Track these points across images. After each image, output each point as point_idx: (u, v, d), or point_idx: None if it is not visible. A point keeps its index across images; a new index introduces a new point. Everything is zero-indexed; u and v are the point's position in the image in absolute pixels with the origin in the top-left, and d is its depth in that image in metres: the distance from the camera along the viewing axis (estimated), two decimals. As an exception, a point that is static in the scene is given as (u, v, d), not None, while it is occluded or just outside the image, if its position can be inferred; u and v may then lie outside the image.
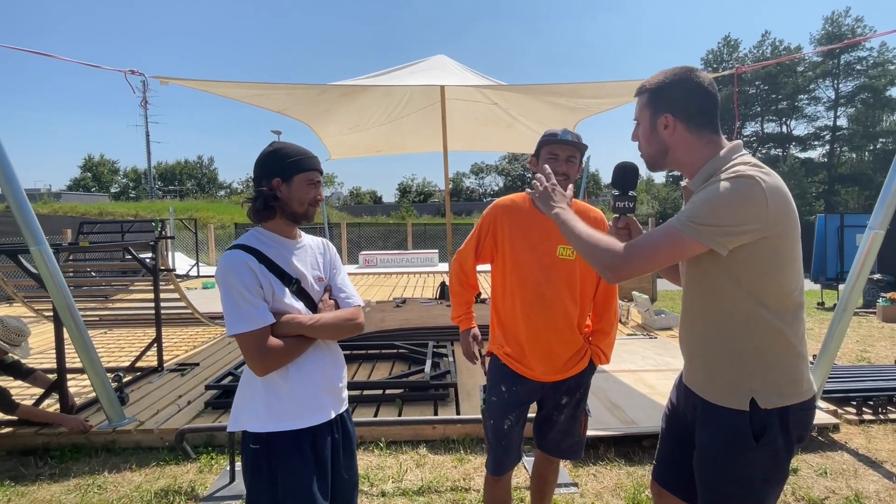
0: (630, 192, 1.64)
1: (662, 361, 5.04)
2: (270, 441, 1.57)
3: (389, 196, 58.78)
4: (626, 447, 3.42)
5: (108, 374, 3.75)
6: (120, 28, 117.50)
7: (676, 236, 1.34)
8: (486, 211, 2.14)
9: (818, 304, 9.95)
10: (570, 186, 1.83)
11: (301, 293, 1.65)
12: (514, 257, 2.03)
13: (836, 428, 3.66)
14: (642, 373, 4.65)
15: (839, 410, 3.87)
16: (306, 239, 1.77)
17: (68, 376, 3.86)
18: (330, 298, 1.74)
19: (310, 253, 1.74)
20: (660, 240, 1.36)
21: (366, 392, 4.15)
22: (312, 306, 1.68)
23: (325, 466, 1.63)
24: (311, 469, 1.58)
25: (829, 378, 4.15)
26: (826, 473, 3.13)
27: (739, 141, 1.46)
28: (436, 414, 3.80)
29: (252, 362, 1.53)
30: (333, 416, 1.68)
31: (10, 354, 3.35)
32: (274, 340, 1.53)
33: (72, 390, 3.97)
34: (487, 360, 2.18)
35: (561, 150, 1.97)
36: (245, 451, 1.61)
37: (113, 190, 52.36)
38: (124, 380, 4.20)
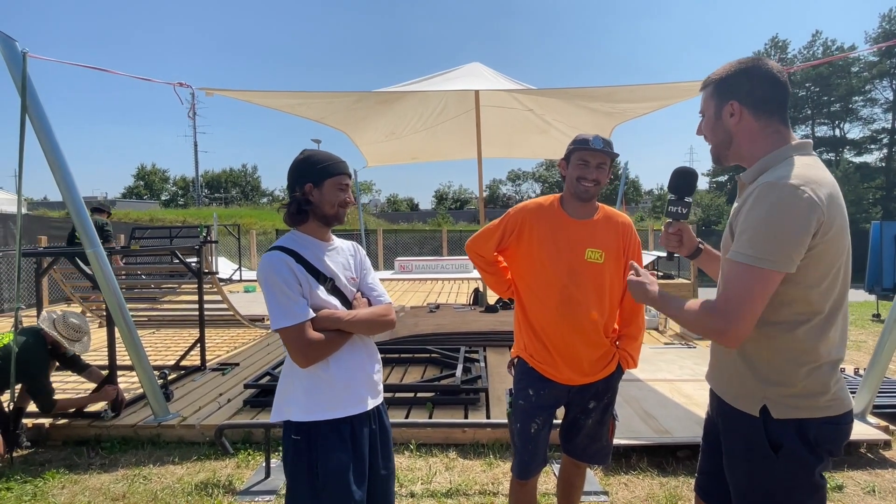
0: (686, 199, 1.61)
1: (700, 371, 4.90)
2: (311, 430, 1.66)
3: (426, 203, 59.30)
4: (659, 457, 3.36)
5: (155, 372, 3.95)
6: (171, 44, 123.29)
7: (764, 274, 1.26)
8: (513, 212, 2.14)
9: (874, 315, 9.45)
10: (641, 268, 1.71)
11: (335, 291, 1.75)
12: (542, 260, 2.04)
13: (887, 444, 3.47)
14: (679, 382, 4.54)
15: (891, 426, 3.68)
16: (338, 241, 1.87)
17: (118, 373, 4.08)
18: (363, 297, 1.83)
19: (342, 254, 1.84)
20: (749, 285, 1.28)
21: (398, 395, 4.21)
22: (346, 304, 1.77)
23: (362, 455, 1.71)
24: (348, 455, 1.67)
25: (881, 392, 3.95)
26: (874, 491, 2.98)
27: (809, 140, 1.41)
28: (466, 418, 3.83)
29: (295, 355, 1.63)
30: (371, 406, 1.76)
31: (70, 349, 3.58)
32: (315, 334, 1.63)
33: (122, 386, 4.19)
34: (515, 363, 2.20)
35: (592, 157, 1.98)
36: (286, 440, 1.70)
37: (163, 197, 54.74)
38: (169, 377, 4.41)
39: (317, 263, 1.72)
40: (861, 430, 3.53)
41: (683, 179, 1.62)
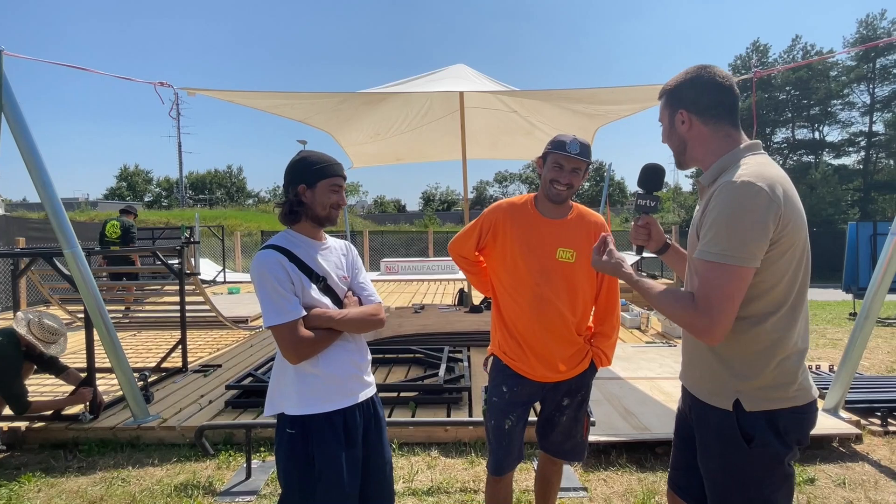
0: (654, 193, 1.69)
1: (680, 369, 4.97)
2: (305, 423, 1.70)
3: (413, 205, 59.22)
4: (638, 454, 3.41)
5: (135, 374, 3.91)
6: (152, 43, 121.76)
7: (736, 271, 1.30)
8: (488, 211, 2.17)
9: (850, 314, 9.66)
10: (611, 238, 1.74)
11: (327, 290, 1.79)
12: (515, 258, 2.07)
13: (858, 438, 3.56)
14: (659, 380, 4.61)
15: (862, 421, 3.77)
16: (331, 241, 1.91)
17: (98, 375, 4.03)
18: (353, 296, 1.87)
19: (334, 253, 1.88)
20: (723, 283, 1.31)
21: (380, 394, 4.20)
22: (337, 302, 1.81)
23: (355, 445, 1.76)
24: (341, 446, 1.72)
25: (853, 388, 4.05)
26: (844, 484, 3.05)
27: (758, 140, 1.47)
28: (448, 415, 3.85)
29: (286, 352, 1.67)
30: (361, 399, 1.81)
31: (46, 351, 3.53)
32: (306, 332, 1.67)
33: (101, 388, 4.14)
34: (490, 361, 2.23)
35: (567, 161, 1.99)
36: (280, 433, 1.74)
37: (146, 199, 53.99)
38: (150, 379, 4.37)
39: (309, 262, 1.76)
40: (833, 425, 3.62)
41: (652, 175, 1.68)
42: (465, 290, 8.26)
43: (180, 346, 5.13)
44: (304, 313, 1.68)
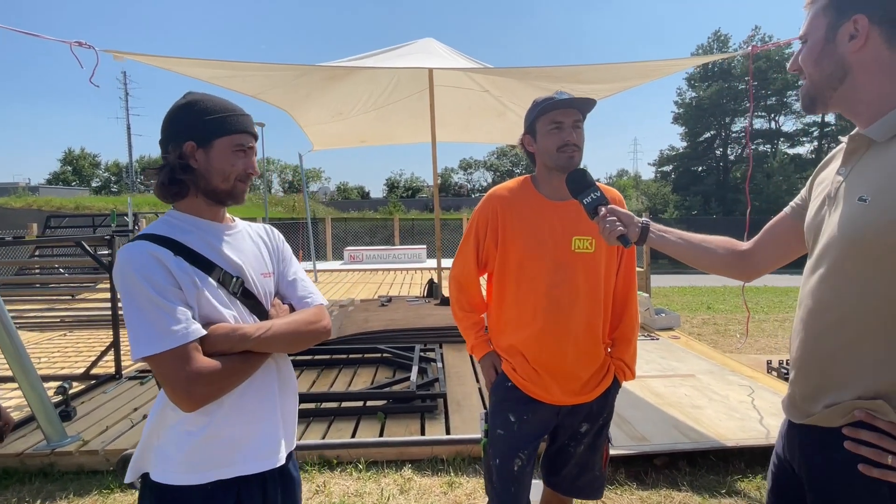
0: (592, 187, 1.43)
1: (668, 366, 4.68)
2: (177, 498, 1.16)
3: (377, 191, 58.28)
4: (636, 467, 3.04)
5: (53, 385, 3.29)
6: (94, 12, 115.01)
7: None
8: (481, 205, 1.72)
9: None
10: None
11: (242, 294, 1.23)
12: (520, 256, 1.62)
13: None
14: (647, 379, 4.27)
15: None
16: (241, 224, 1.35)
17: (3, 387, 3.39)
18: (283, 303, 1.33)
19: (247, 240, 1.32)
20: None
21: (344, 404, 3.72)
22: (259, 311, 1.26)
23: None
24: None
25: None
26: None
27: None
28: (423, 428, 3.39)
29: (175, 394, 1.09)
30: (271, 466, 1.24)
31: None
32: (206, 361, 1.10)
33: (9, 404, 3.50)
34: (497, 371, 1.76)
35: (565, 115, 1.58)
36: None
37: (94, 184, 51.17)
38: (72, 390, 3.74)
39: (209, 253, 1.20)
40: None
41: (579, 177, 1.45)
42: (435, 280, 7.80)
43: (113, 350, 4.48)
44: (202, 332, 1.12)
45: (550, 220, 1.63)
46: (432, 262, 13.37)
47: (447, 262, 8.23)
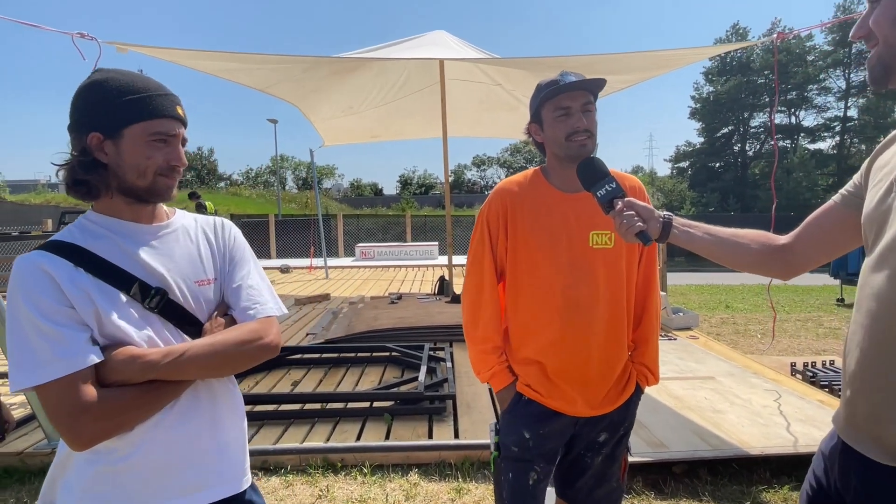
0: (607, 177, 1.29)
1: (686, 367, 4.50)
2: None
3: (390, 188, 58.29)
4: (654, 474, 2.89)
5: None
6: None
7: None
8: (489, 201, 1.58)
9: (837, 300, 9.49)
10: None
11: (167, 308, 1.05)
12: (532, 254, 1.49)
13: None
14: (665, 381, 4.10)
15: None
16: (179, 219, 1.15)
17: (2, 384, 3.34)
18: (224, 313, 1.12)
19: (182, 242, 1.11)
20: None
21: (350, 405, 3.62)
22: (192, 329, 1.07)
23: None
24: None
25: None
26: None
27: None
28: (430, 431, 3.28)
29: (60, 430, 0.93)
30: (204, 501, 1.08)
31: None
32: (96, 393, 0.93)
33: (11, 401, 3.46)
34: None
35: (572, 99, 1.42)
36: None
37: (112, 181, 51.88)
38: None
39: (123, 262, 1.02)
40: None
41: (591, 167, 1.32)
42: (446, 277, 7.68)
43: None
44: (98, 357, 0.94)
45: (565, 214, 1.49)
46: (444, 259, 13.28)
47: (458, 259, 8.10)
